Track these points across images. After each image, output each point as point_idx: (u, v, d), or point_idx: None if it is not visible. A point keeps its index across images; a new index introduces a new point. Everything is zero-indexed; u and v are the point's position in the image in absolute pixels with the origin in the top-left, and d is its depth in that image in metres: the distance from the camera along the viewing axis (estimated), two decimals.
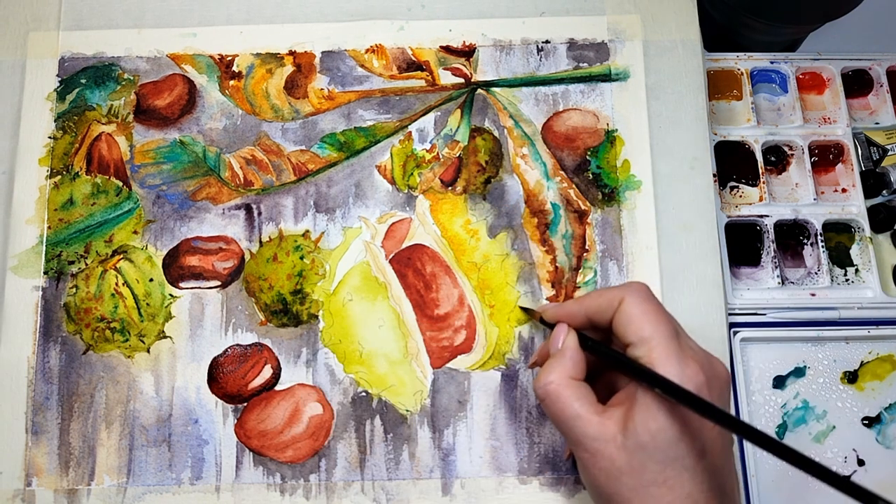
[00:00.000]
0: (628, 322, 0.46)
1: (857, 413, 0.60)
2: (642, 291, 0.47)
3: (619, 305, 0.47)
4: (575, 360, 0.48)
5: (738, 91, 0.68)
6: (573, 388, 0.47)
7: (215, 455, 0.56)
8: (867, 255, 0.63)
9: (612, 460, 0.44)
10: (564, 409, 0.46)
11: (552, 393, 0.47)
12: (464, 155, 0.61)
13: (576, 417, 0.46)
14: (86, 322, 0.58)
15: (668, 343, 0.45)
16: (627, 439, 0.44)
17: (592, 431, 0.45)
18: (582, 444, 0.46)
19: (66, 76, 0.62)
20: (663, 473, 0.43)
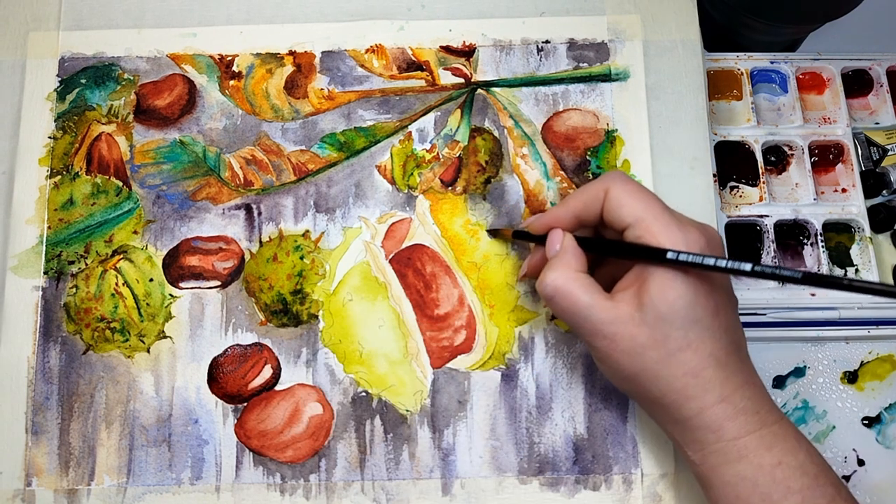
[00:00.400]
0: (619, 206, 0.48)
1: (857, 413, 0.60)
2: (622, 176, 0.49)
3: (605, 195, 0.48)
4: (577, 256, 0.49)
5: (738, 91, 0.68)
6: (580, 280, 0.48)
7: (215, 455, 0.56)
8: (867, 255, 0.63)
9: (632, 338, 0.46)
10: (576, 302, 0.47)
11: (561, 288, 0.48)
12: (464, 155, 0.61)
13: (589, 307, 0.47)
14: (86, 322, 0.58)
15: (663, 216, 0.46)
16: (646, 314, 0.45)
17: (608, 316, 0.46)
18: (599, 331, 0.47)
19: (66, 76, 0.62)
20: (686, 338, 0.45)
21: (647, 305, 0.45)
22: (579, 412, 0.56)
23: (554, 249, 0.50)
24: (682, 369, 0.45)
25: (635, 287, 0.46)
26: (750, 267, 0.43)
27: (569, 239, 0.50)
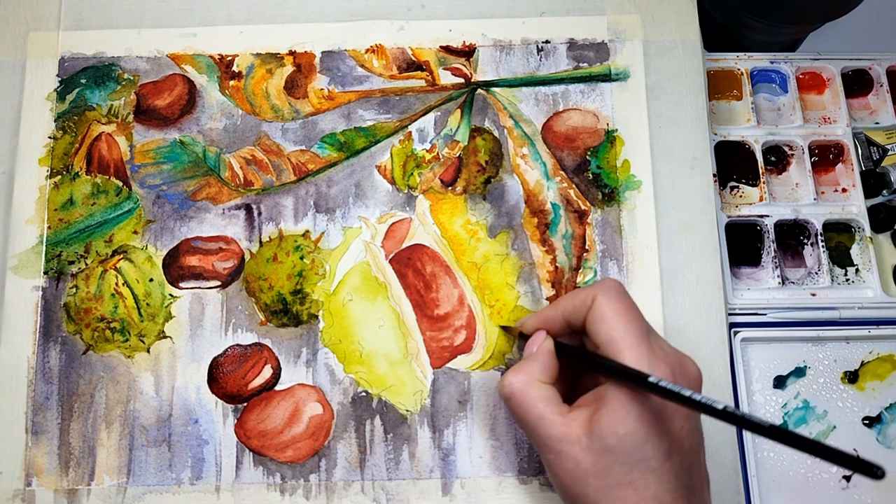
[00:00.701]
0: (600, 321, 0.46)
1: (857, 413, 0.60)
2: (614, 290, 0.47)
3: (591, 304, 0.47)
4: (545, 365, 0.48)
5: (738, 91, 0.68)
6: (538, 389, 0.47)
7: (215, 455, 0.56)
8: (867, 255, 0.63)
9: (577, 462, 0.45)
10: (528, 410, 0.46)
11: (516, 393, 0.47)
12: (464, 155, 0.61)
13: (539, 418, 0.46)
14: (86, 322, 0.58)
15: (638, 344, 0.45)
16: (593, 441, 0.44)
17: (556, 433, 0.45)
18: (546, 445, 0.46)
19: (66, 76, 0.62)
20: (629, 475, 0.44)
21: (597, 433, 0.44)
22: None
23: (529, 351, 0.50)
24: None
25: (592, 409, 0.45)
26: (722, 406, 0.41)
27: (546, 345, 0.49)
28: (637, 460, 0.43)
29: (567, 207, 0.60)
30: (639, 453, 0.43)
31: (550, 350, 0.49)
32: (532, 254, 0.59)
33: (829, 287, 0.62)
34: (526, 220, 0.59)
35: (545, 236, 0.59)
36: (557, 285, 0.58)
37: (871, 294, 0.62)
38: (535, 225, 0.59)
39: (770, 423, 0.39)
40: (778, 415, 0.60)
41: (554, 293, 0.58)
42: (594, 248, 0.59)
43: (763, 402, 0.60)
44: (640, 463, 0.44)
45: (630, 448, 0.43)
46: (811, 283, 0.63)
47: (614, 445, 0.43)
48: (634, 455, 0.43)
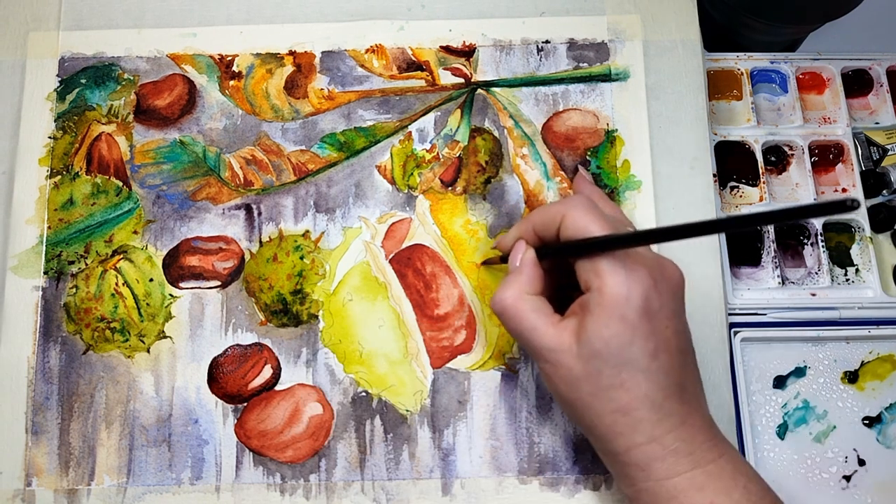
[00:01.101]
0: (574, 234, 0.47)
1: (857, 413, 0.60)
2: (583, 203, 0.48)
3: (561, 220, 0.48)
4: (531, 276, 0.49)
5: (738, 91, 0.68)
6: (529, 301, 0.48)
7: (215, 455, 0.56)
8: (867, 255, 0.63)
9: (569, 369, 0.46)
10: (521, 322, 0.48)
11: (509, 307, 0.48)
12: (464, 155, 0.61)
13: (532, 329, 0.47)
14: (86, 322, 0.58)
15: None
16: (582, 348, 0.45)
17: (549, 342, 0.46)
18: (541, 355, 0.47)
19: (66, 76, 0.62)
20: (619, 377, 0.45)
21: (584, 340, 0.45)
22: None
23: (514, 265, 0.50)
24: (612, 406, 0.45)
25: (579, 316, 0.46)
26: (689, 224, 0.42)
27: (529, 255, 0.50)
28: (624, 361, 0.45)
29: None
30: (625, 354, 0.45)
31: (533, 259, 0.50)
32: None
33: (829, 287, 0.62)
34: None
35: None
36: None
37: (871, 294, 0.62)
38: None
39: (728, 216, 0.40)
40: (778, 415, 0.60)
41: None
42: None
43: (763, 402, 0.60)
44: (628, 364, 0.45)
45: (616, 350, 0.44)
46: (811, 283, 0.63)
47: (601, 349, 0.45)
48: (621, 357, 0.45)
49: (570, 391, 0.46)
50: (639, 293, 0.44)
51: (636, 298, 0.44)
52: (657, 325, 0.45)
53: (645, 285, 0.45)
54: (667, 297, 0.46)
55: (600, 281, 0.45)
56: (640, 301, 0.44)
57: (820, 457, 0.59)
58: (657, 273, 0.46)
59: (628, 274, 0.45)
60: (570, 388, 0.46)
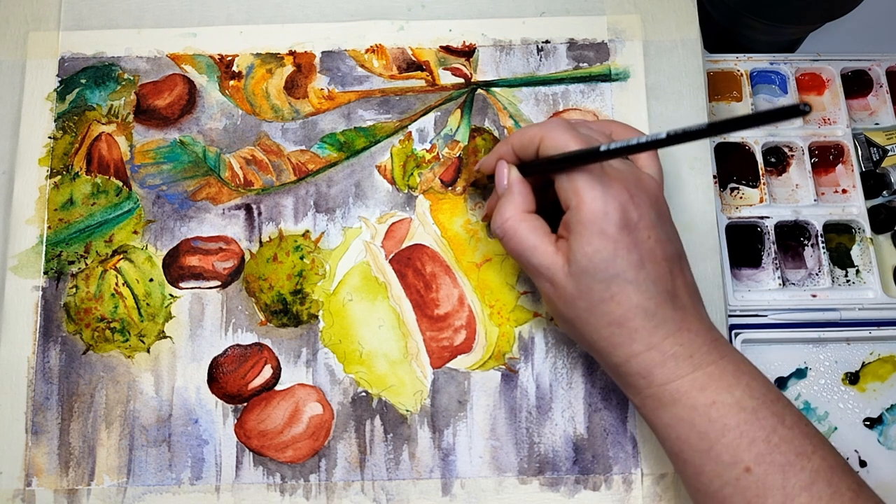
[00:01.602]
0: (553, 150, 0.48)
1: (858, 414, 0.60)
2: (560, 125, 0.49)
3: (539, 142, 0.49)
4: (523, 194, 0.50)
5: (737, 92, 0.68)
6: (528, 221, 0.49)
7: (215, 455, 0.56)
8: (868, 256, 0.63)
9: (564, 287, 0.47)
10: (522, 242, 0.49)
11: (510, 229, 0.49)
12: (464, 155, 0.61)
13: (532, 248, 0.48)
14: (86, 322, 0.58)
15: (590, 168, 0.46)
16: (571, 266, 0.47)
17: (547, 261, 0.48)
18: (541, 274, 0.49)
19: (66, 76, 0.62)
20: (609, 290, 0.46)
21: (571, 258, 0.46)
22: (579, 412, 0.56)
23: (502, 186, 0.51)
24: (607, 319, 0.47)
25: (566, 237, 0.47)
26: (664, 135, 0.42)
27: (514, 172, 0.51)
28: (612, 275, 0.46)
29: None
30: (611, 268, 0.46)
31: (519, 177, 0.51)
32: None
33: (829, 288, 0.62)
34: None
35: None
36: None
37: (871, 295, 0.62)
38: None
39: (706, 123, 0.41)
40: None
41: None
42: None
43: None
44: (616, 277, 0.46)
45: (601, 265, 0.46)
46: (812, 284, 0.63)
47: (587, 266, 0.46)
48: (608, 271, 0.46)
49: (567, 309, 0.48)
50: (616, 207, 0.46)
51: (613, 212, 0.45)
52: (639, 236, 0.46)
53: (621, 199, 0.46)
54: (645, 207, 0.47)
55: (578, 198, 0.46)
56: (618, 214, 0.46)
57: None
58: (633, 185, 0.47)
59: (604, 189, 0.46)
60: (566, 306, 0.48)
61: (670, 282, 0.47)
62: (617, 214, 0.45)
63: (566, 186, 0.47)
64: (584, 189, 0.46)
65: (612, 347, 0.47)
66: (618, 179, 0.47)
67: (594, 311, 0.47)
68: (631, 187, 0.47)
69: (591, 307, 0.47)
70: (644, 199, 0.47)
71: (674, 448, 0.47)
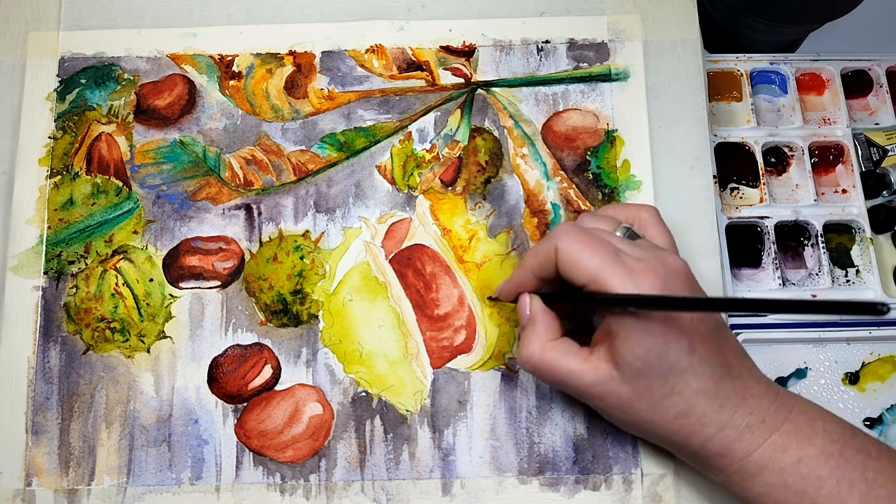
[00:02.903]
0: (571, 268, 0.47)
1: (858, 414, 0.60)
2: (569, 232, 0.48)
3: (555, 255, 0.48)
4: (546, 323, 0.50)
5: (737, 92, 0.68)
6: (555, 348, 0.48)
7: (215, 455, 0.56)
8: (868, 256, 0.63)
9: (619, 396, 0.47)
10: (556, 371, 0.48)
11: (538, 362, 0.49)
12: (464, 155, 0.61)
13: (570, 374, 0.48)
14: (86, 322, 0.58)
15: (614, 269, 0.46)
16: (623, 372, 0.46)
17: (589, 379, 0.47)
18: (587, 393, 0.48)
19: (66, 76, 0.62)
20: (668, 385, 0.46)
21: (622, 364, 0.46)
22: (579, 412, 0.56)
23: (525, 317, 0.51)
24: (672, 413, 0.46)
25: (608, 343, 0.47)
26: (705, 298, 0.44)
27: (536, 303, 0.51)
28: (668, 369, 0.45)
29: (567, 207, 0.60)
30: (666, 363, 0.45)
31: (542, 307, 0.50)
32: None
33: (829, 288, 0.62)
34: (526, 220, 0.59)
35: None
36: None
37: (871, 295, 0.62)
38: (535, 225, 0.59)
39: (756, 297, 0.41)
40: None
41: None
42: None
43: None
44: (672, 369, 0.45)
45: (656, 362, 0.45)
46: (812, 284, 0.63)
47: (642, 367, 0.45)
48: (663, 366, 0.45)
49: (628, 415, 0.47)
50: None
51: None
52: (682, 321, 0.46)
53: (657, 290, 0.45)
54: (679, 290, 0.47)
55: None
56: None
57: None
58: (663, 272, 0.46)
59: (638, 286, 0.45)
60: (625, 412, 0.47)
61: (721, 355, 0.47)
62: None
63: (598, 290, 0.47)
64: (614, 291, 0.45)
65: (686, 438, 0.47)
66: (644, 271, 0.46)
67: (657, 408, 0.46)
68: (661, 273, 0.46)
69: (654, 406, 0.46)
70: (678, 283, 0.47)
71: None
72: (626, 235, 0.50)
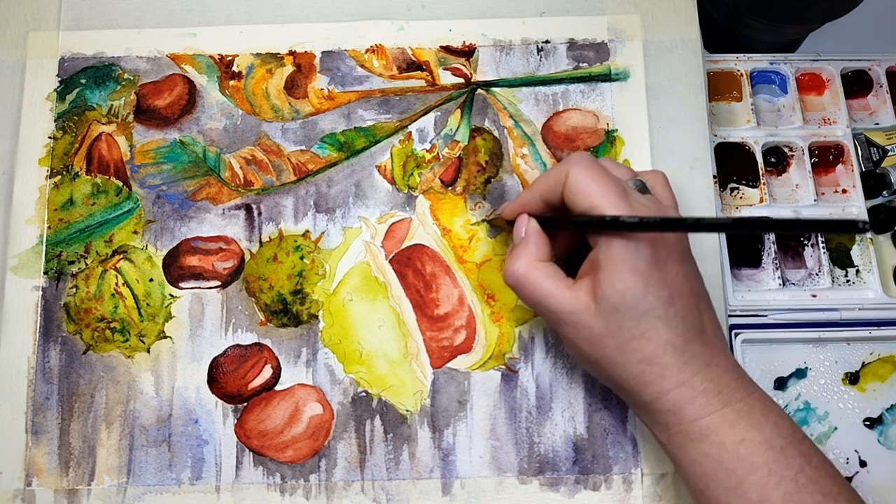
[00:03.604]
0: (577, 193, 0.47)
1: (858, 414, 0.60)
2: (585, 160, 0.48)
3: (565, 179, 0.48)
4: (538, 244, 0.50)
5: (737, 92, 0.68)
6: (541, 269, 0.49)
7: (215, 455, 0.56)
8: (868, 256, 0.63)
9: (590, 328, 0.47)
10: (537, 290, 0.48)
11: (521, 277, 0.49)
12: (464, 155, 0.61)
13: (549, 295, 0.48)
14: (86, 322, 0.58)
15: (617, 203, 0.46)
16: (599, 305, 0.46)
17: (567, 305, 0.47)
18: (560, 318, 0.48)
19: (66, 76, 0.62)
20: (639, 328, 0.46)
21: (600, 296, 0.46)
22: (579, 412, 0.56)
23: (519, 236, 0.51)
24: (637, 356, 0.46)
25: (591, 275, 0.47)
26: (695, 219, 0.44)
27: (532, 225, 0.51)
28: (642, 312, 0.45)
29: None
30: (642, 305, 0.45)
31: (537, 228, 0.50)
32: None
33: (829, 288, 0.62)
34: None
35: None
36: None
37: (871, 295, 0.62)
38: None
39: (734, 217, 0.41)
40: None
41: None
42: None
43: None
44: (647, 314, 0.45)
45: (633, 302, 0.45)
46: (812, 284, 0.63)
47: (618, 303, 0.45)
48: (639, 308, 0.45)
49: (594, 349, 0.47)
50: (646, 243, 0.45)
51: (644, 248, 0.45)
52: (668, 272, 0.46)
53: (651, 234, 0.46)
54: (672, 241, 0.47)
55: (606, 236, 0.46)
56: (649, 250, 0.45)
57: None
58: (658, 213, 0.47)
59: None
60: (593, 346, 0.47)
61: (698, 317, 0.47)
62: (647, 250, 0.45)
63: None
64: None
65: (643, 385, 0.47)
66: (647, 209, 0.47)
67: (624, 349, 0.46)
68: None
69: (621, 345, 0.46)
70: (671, 234, 0.47)
71: (699, 485, 0.47)
72: (638, 188, 0.50)
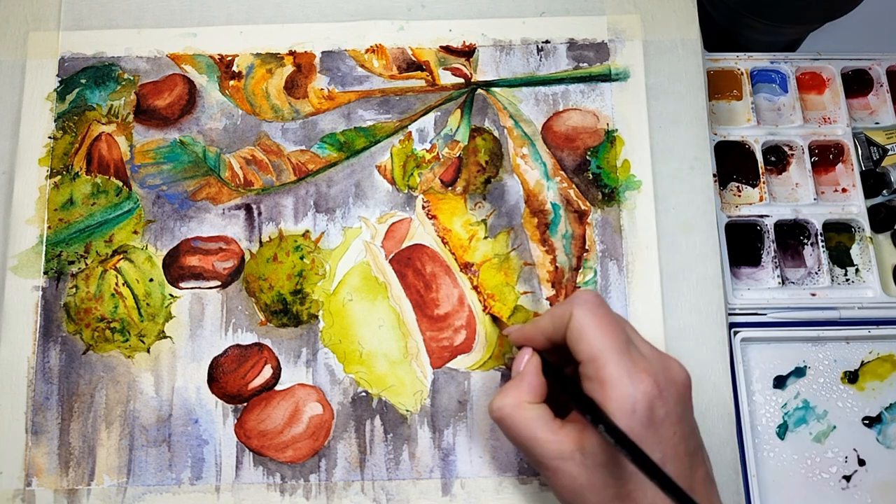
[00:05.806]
0: (579, 339, 0.46)
1: (857, 413, 0.60)
2: (590, 303, 0.47)
3: (569, 320, 0.47)
4: (532, 386, 0.48)
5: (738, 91, 0.68)
6: (527, 410, 0.47)
7: (215, 455, 0.56)
8: (867, 255, 0.63)
9: (573, 477, 0.45)
10: (520, 432, 0.47)
11: (506, 417, 0.47)
12: (464, 155, 0.61)
13: (532, 439, 0.46)
14: (86, 322, 0.58)
15: (618, 358, 0.44)
16: (586, 458, 0.44)
17: (550, 451, 0.45)
18: (542, 463, 0.46)
19: (66, 76, 0.62)
20: (625, 488, 0.44)
21: (588, 449, 0.44)
22: None
23: (517, 369, 0.50)
24: None
25: (582, 424, 0.45)
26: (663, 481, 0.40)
27: (533, 363, 0.49)
28: (631, 473, 0.44)
29: (567, 207, 0.60)
30: (631, 466, 0.43)
31: (537, 368, 0.49)
32: (532, 254, 0.59)
33: (828, 287, 0.62)
34: (526, 220, 0.59)
35: (545, 236, 0.59)
36: (557, 285, 0.58)
37: (871, 294, 0.62)
38: (535, 225, 0.59)
39: None
40: (778, 415, 0.60)
41: (554, 293, 0.58)
42: (594, 248, 0.59)
43: (763, 402, 0.60)
44: (635, 475, 0.44)
45: (623, 462, 0.43)
46: (811, 283, 0.63)
47: (606, 461, 0.44)
48: (628, 468, 0.44)
49: (574, 499, 0.45)
50: (644, 405, 0.43)
51: (641, 410, 0.43)
52: (663, 434, 0.44)
53: (650, 395, 0.44)
54: (672, 402, 0.45)
55: (603, 393, 0.44)
56: (645, 412, 0.43)
57: (820, 457, 0.59)
58: (662, 378, 0.45)
59: (633, 384, 0.44)
60: (573, 496, 0.45)
61: (689, 478, 0.45)
62: (644, 412, 0.43)
63: (591, 374, 0.45)
64: (610, 383, 0.44)
65: None
66: (646, 372, 0.44)
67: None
68: (661, 380, 0.45)
69: (603, 502, 0.44)
70: (672, 393, 0.45)
71: None
72: None
